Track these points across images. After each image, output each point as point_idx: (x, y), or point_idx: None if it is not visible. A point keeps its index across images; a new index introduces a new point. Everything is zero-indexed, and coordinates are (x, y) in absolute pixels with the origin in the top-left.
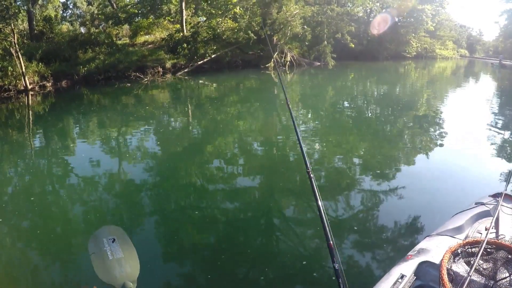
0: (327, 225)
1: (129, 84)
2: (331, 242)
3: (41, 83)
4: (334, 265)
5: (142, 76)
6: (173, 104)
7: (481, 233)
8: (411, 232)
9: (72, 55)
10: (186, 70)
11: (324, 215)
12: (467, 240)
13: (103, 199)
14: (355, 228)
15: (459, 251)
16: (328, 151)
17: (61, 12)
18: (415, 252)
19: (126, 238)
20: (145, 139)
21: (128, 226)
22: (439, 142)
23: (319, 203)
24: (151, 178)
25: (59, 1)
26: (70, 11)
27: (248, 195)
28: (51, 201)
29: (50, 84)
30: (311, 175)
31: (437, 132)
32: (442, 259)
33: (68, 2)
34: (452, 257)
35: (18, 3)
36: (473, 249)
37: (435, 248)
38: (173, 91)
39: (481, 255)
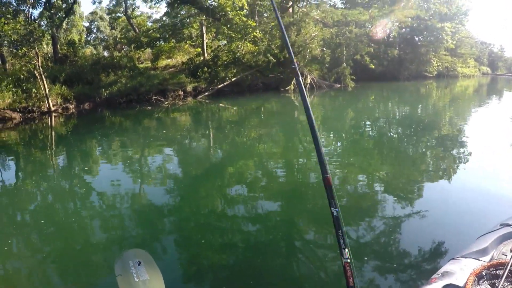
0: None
1: (149, 107)
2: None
3: (64, 105)
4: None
5: (162, 100)
6: (193, 127)
7: (506, 255)
8: (435, 255)
9: (95, 78)
10: (206, 93)
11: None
12: (491, 262)
13: (125, 220)
14: (378, 250)
15: (483, 273)
16: (349, 173)
17: (85, 36)
18: (439, 275)
19: (152, 261)
20: (166, 162)
21: (149, 248)
22: (462, 162)
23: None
24: (172, 200)
25: (83, 26)
26: (93, 35)
27: (268, 219)
28: (73, 221)
29: (73, 106)
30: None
31: (460, 152)
32: (466, 282)
33: (92, 27)
34: (477, 279)
35: (42, 27)
36: (498, 271)
37: (459, 271)
38: (194, 114)
39: (506, 277)
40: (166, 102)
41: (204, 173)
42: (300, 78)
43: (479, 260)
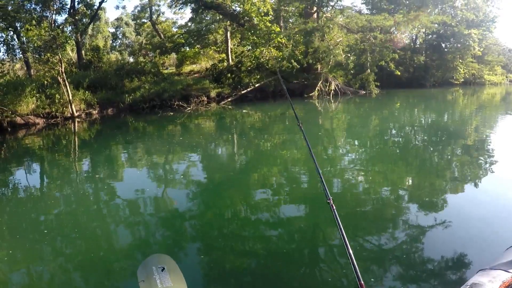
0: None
1: (172, 113)
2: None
3: (87, 111)
4: None
5: (185, 105)
6: (216, 133)
7: None
8: (462, 265)
9: (118, 83)
10: (229, 99)
11: (351, 254)
12: None
13: (148, 226)
14: (401, 260)
15: None
16: (373, 181)
17: (111, 41)
18: (467, 286)
19: (176, 267)
20: (189, 167)
21: (173, 253)
22: (489, 171)
23: (345, 240)
24: (195, 206)
25: (109, 31)
26: (119, 41)
27: (291, 226)
28: (97, 227)
29: (96, 111)
30: (333, 207)
31: (488, 161)
32: None
33: (118, 33)
34: None
35: (66, 33)
36: None
37: (488, 283)
38: (217, 120)
39: None
40: (189, 108)
41: (227, 179)
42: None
43: (509, 272)
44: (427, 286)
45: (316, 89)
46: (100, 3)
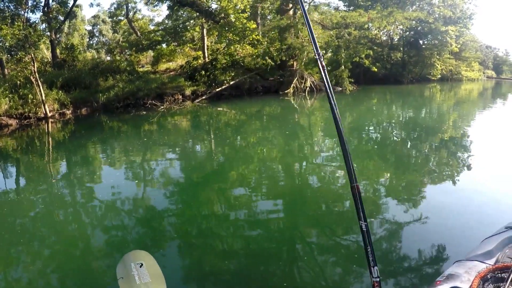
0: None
1: (144, 112)
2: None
3: (61, 111)
4: None
5: (158, 104)
6: (192, 132)
7: (511, 258)
8: (439, 257)
9: (93, 82)
10: (204, 97)
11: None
12: (497, 265)
13: (126, 225)
14: (379, 255)
15: (488, 276)
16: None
17: (87, 39)
18: (444, 277)
19: (154, 263)
20: (166, 166)
21: (151, 251)
22: (466, 165)
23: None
24: (173, 205)
25: (85, 29)
26: (96, 39)
27: (270, 224)
28: (74, 228)
29: (70, 111)
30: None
31: (465, 155)
32: (471, 285)
33: (95, 30)
34: (482, 282)
35: (40, 32)
36: (503, 275)
37: (464, 274)
38: (192, 119)
39: (511, 281)
40: (162, 107)
41: (205, 177)
42: (325, 73)
43: (484, 263)
44: (406, 279)
45: (291, 86)
46: (75, 0)
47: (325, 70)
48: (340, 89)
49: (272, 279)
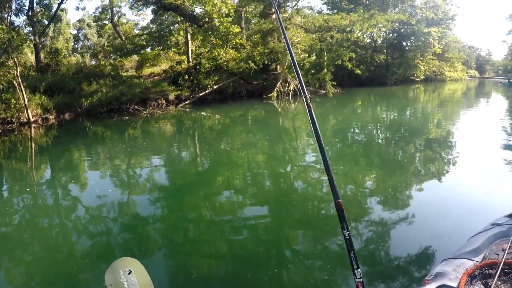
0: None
1: (127, 117)
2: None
3: (44, 116)
4: None
5: (141, 109)
6: (176, 137)
7: (498, 254)
8: (427, 256)
9: (76, 87)
10: (187, 102)
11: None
12: (484, 262)
13: (113, 232)
14: (368, 256)
15: (476, 273)
16: (336, 179)
17: (72, 43)
18: (432, 276)
19: (143, 270)
20: (150, 172)
21: (138, 258)
22: (452, 165)
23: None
24: (159, 210)
25: (70, 33)
26: (81, 43)
27: (256, 227)
28: (59, 235)
29: (53, 116)
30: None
31: (449, 154)
32: (459, 282)
33: (79, 34)
34: (470, 279)
35: (23, 35)
36: (491, 271)
37: (452, 271)
38: (176, 124)
39: (498, 276)
40: (145, 112)
41: (190, 182)
42: (312, 110)
43: (472, 260)
44: (394, 279)
45: (275, 89)
46: (59, 4)
47: (311, 110)
48: (324, 91)
49: (259, 283)
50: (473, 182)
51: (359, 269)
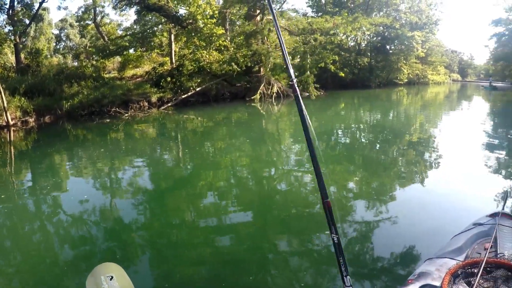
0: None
1: (108, 120)
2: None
3: (23, 119)
4: None
5: (122, 112)
6: (157, 140)
7: (480, 254)
8: (411, 257)
9: (57, 89)
10: (169, 104)
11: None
12: (466, 261)
13: (94, 237)
14: (351, 257)
15: (459, 272)
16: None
17: (54, 44)
18: (415, 276)
19: (124, 275)
20: (132, 175)
21: (121, 263)
22: (434, 166)
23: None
24: (141, 215)
25: (52, 33)
26: (63, 43)
27: (240, 230)
28: (40, 240)
29: (33, 119)
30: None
31: (432, 156)
32: (442, 282)
33: (62, 35)
34: (453, 278)
35: (5, 35)
36: (473, 269)
37: (435, 271)
38: (157, 127)
39: (481, 275)
40: (126, 114)
41: (174, 186)
42: (299, 95)
43: (454, 259)
44: (378, 279)
45: (258, 92)
46: (41, 3)
47: (298, 94)
48: (307, 94)
49: (244, 286)
50: (455, 183)
51: (348, 276)
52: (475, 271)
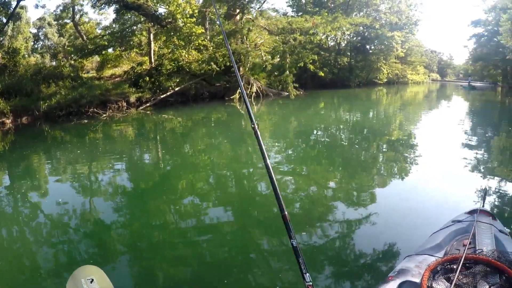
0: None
1: (86, 121)
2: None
3: (0, 120)
4: None
5: (100, 112)
6: (136, 141)
7: (459, 250)
8: (390, 254)
9: (35, 89)
10: (148, 104)
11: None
12: (445, 257)
13: (73, 240)
14: (332, 257)
15: (438, 268)
16: (300, 183)
17: (32, 43)
18: (396, 272)
19: (105, 277)
20: (112, 177)
21: (102, 265)
22: (413, 164)
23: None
24: (121, 216)
25: (30, 32)
26: (41, 43)
27: (221, 230)
28: (18, 244)
29: (10, 120)
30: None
31: (411, 154)
32: (422, 278)
33: (40, 34)
34: (432, 275)
35: None
36: (452, 266)
37: (414, 268)
38: (137, 127)
39: (460, 271)
40: (105, 115)
41: (153, 187)
42: (258, 134)
43: (434, 256)
44: (359, 278)
45: (237, 91)
46: (18, 1)
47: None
48: (287, 93)
49: (225, 285)
50: (434, 181)
51: (307, 274)
52: (454, 267)
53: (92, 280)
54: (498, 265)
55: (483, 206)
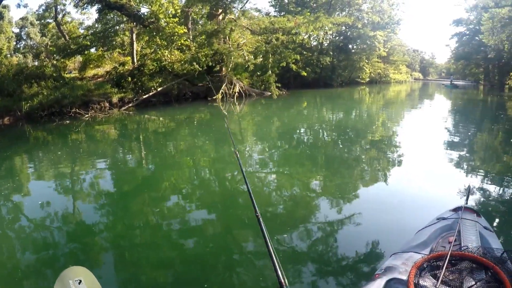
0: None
1: (68, 121)
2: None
3: None
4: None
5: (82, 113)
6: (118, 141)
7: (444, 247)
8: (377, 252)
9: (17, 89)
10: (130, 104)
11: (275, 255)
12: (432, 255)
13: (58, 242)
14: (317, 257)
15: (424, 265)
16: (282, 183)
17: (15, 43)
18: (382, 270)
19: (93, 278)
20: (95, 178)
21: (89, 267)
22: (397, 163)
23: (269, 244)
24: (104, 218)
25: (12, 32)
26: (24, 42)
27: (204, 230)
28: (1, 248)
29: None
30: (260, 218)
31: (395, 153)
32: (409, 275)
33: (22, 33)
34: (419, 272)
35: None
36: (439, 263)
37: (401, 265)
38: (118, 128)
39: (446, 267)
40: (86, 115)
41: (136, 188)
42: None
43: (420, 253)
44: (345, 276)
45: (220, 91)
46: (0, 0)
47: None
48: (270, 93)
49: (210, 285)
50: (418, 179)
51: (282, 273)
52: (441, 264)
53: (80, 281)
54: (484, 261)
55: (467, 203)
